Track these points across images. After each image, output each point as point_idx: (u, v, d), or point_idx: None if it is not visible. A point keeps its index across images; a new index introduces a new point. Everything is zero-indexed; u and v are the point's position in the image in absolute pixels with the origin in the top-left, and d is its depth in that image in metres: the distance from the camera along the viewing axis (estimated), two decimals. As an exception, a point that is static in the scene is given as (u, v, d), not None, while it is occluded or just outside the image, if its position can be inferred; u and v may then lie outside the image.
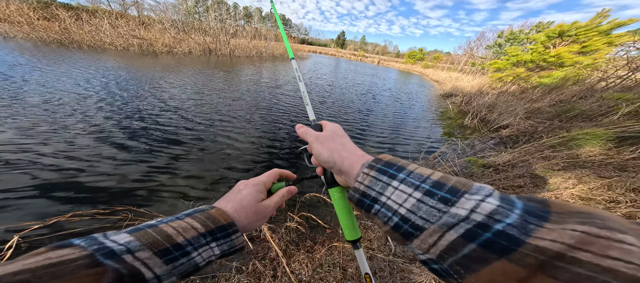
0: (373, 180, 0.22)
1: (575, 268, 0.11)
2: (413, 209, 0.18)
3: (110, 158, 2.02)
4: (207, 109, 3.60)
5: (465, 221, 0.15)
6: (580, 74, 5.66)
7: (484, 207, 0.15)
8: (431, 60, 37.93)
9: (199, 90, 4.64)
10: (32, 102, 2.89)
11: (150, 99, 3.67)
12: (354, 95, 6.52)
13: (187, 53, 10.75)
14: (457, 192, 0.17)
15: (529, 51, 7.97)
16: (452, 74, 17.18)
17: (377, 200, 0.21)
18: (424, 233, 0.17)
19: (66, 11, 10.33)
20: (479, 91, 7.36)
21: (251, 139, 2.79)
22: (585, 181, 1.56)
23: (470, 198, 0.16)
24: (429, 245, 0.16)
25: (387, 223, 0.19)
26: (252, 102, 4.38)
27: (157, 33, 11.65)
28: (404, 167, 0.21)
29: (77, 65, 5.17)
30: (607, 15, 6.36)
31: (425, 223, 0.17)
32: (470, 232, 0.15)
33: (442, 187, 0.18)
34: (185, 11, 18.08)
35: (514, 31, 19.22)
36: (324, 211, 1.76)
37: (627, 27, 6.18)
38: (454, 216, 0.16)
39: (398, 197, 0.19)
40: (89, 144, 2.19)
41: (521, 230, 0.13)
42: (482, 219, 0.15)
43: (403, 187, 0.19)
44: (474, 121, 4.83)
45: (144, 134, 2.55)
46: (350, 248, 1.37)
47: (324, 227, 1.53)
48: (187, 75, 5.82)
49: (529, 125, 3.76)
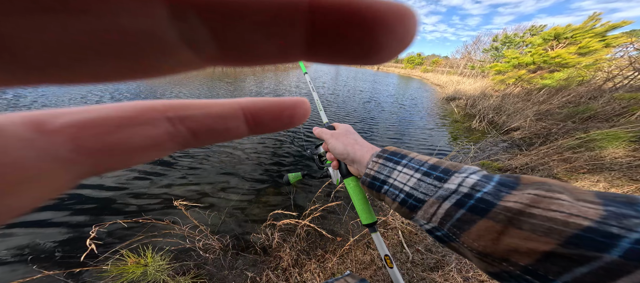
0: (381, 166, 0.26)
1: (531, 220, 0.15)
2: (415, 186, 0.22)
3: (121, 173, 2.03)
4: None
5: (455, 193, 0.20)
6: (583, 74, 5.67)
7: (468, 182, 0.20)
8: (430, 64, 38.55)
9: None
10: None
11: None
12: (357, 102, 6.58)
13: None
14: (448, 172, 0.22)
15: (529, 53, 8.08)
16: (453, 77, 17.34)
17: (385, 182, 0.25)
18: (425, 205, 0.21)
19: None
20: (482, 93, 7.37)
21: (255, 145, 2.80)
22: (617, 184, 1.50)
23: (458, 176, 0.21)
24: (430, 214, 0.21)
25: (395, 199, 0.24)
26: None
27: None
28: (406, 155, 0.26)
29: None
30: (599, 18, 6.55)
31: (425, 196, 0.21)
32: (459, 201, 0.19)
33: (437, 169, 0.23)
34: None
35: (509, 35, 19.60)
36: (334, 219, 1.72)
37: (621, 29, 6.34)
38: (446, 190, 0.20)
39: (402, 178, 0.24)
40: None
41: (494, 196, 0.18)
42: (467, 190, 0.19)
43: (406, 170, 0.24)
44: (482, 124, 4.79)
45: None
46: (362, 255, 1.34)
47: (330, 238, 1.50)
48: (192, 87, 5.98)
49: (541, 127, 3.70)
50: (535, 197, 0.16)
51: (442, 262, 1.34)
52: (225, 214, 1.64)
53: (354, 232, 1.58)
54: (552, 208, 0.15)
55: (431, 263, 1.34)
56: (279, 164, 2.39)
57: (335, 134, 0.35)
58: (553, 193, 0.16)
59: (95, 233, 1.07)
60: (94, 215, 1.55)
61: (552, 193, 0.16)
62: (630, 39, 6.09)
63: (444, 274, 1.22)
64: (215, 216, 1.63)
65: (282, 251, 1.34)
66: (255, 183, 2.08)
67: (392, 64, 60.85)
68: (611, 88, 4.68)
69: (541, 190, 0.16)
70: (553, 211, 0.15)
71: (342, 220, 1.71)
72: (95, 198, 1.71)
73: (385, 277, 1.23)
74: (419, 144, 3.68)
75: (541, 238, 0.15)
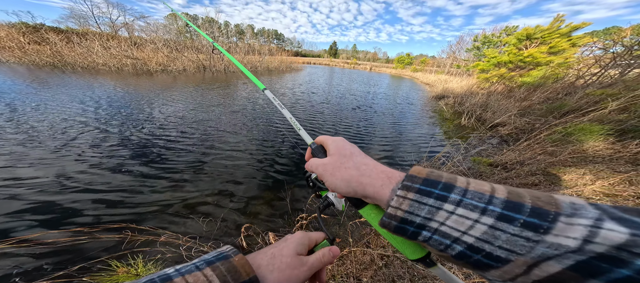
0: (414, 204, 0.18)
1: None
2: (486, 238, 0.15)
3: (123, 174, 1.88)
4: (204, 125, 3.50)
5: (579, 253, 0.13)
6: (556, 72, 6.11)
7: (607, 236, 0.13)
8: (419, 64, 39.94)
9: (196, 106, 4.56)
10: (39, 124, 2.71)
11: (149, 116, 3.54)
12: (351, 103, 6.62)
13: (181, 71, 10.71)
14: (547, 215, 0.14)
15: (505, 53, 8.59)
16: (441, 76, 18.05)
17: (425, 227, 0.18)
18: (510, 265, 0.14)
19: (56, 35, 10.27)
20: (469, 91, 7.71)
21: (250, 151, 2.72)
22: (602, 176, 1.58)
23: (572, 222, 0.14)
24: (514, 274, 0.15)
25: (446, 251, 0.17)
26: (249, 115, 4.32)
27: (150, 52, 11.61)
28: (453, 185, 0.18)
29: (73, 86, 4.98)
30: (563, 19, 7.12)
31: (511, 254, 0.14)
32: (588, 266, 0.13)
33: (521, 209, 0.15)
34: (176, 30, 18.33)
35: (487, 35, 20.79)
36: (332, 221, 1.68)
37: (583, 29, 6.94)
38: (555, 247, 0.13)
39: (458, 224, 0.16)
40: (99, 162, 2.03)
41: None
42: (609, 251, 0.12)
43: (462, 211, 0.16)
44: (471, 120, 4.99)
45: (144, 150, 2.42)
46: (361, 255, 1.26)
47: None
48: (183, 93, 5.74)
49: (525, 122, 3.90)
50: None
51: (443, 261, 1.32)
52: (219, 221, 1.56)
53: (353, 232, 1.55)
54: None
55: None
56: (276, 171, 2.32)
57: (329, 167, 0.27)
58: None
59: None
60: (80, 225, 1.40)
61: None
62: (593, 39, 6.68)
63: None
64: (210, 222, 1.54)
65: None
66: (252, 191, 2.00)
67: (383, 64, 62.59)
68: (583, 85, 5.06)
69: None
70: None
71: (340, 221, 1.66)
72: (80, 208, 1.55)
73: (386, 277, 1.20)
74: (412, 141, 3.75)
75: None
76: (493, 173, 2.32)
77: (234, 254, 0.22)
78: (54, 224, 1.45)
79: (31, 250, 1.25)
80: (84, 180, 1.90)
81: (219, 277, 0.19)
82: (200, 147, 2.77)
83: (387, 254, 1.34)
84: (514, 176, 2.10)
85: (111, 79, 6.58)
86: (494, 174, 2.29)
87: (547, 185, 1.73)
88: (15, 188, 1.74)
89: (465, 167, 2.39)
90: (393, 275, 1.16)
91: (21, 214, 1.52)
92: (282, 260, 0.24)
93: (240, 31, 63.66)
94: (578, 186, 1.59)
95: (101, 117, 3.44)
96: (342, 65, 45.67)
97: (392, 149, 3.42)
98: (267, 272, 0.23)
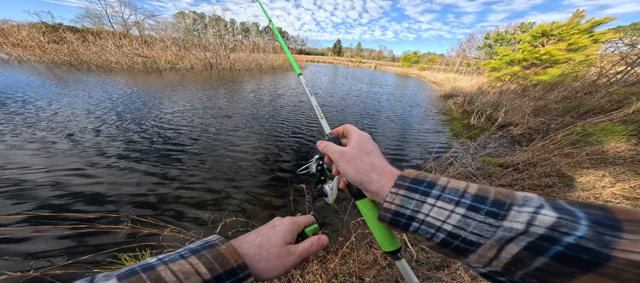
0: (404, 199, 0.22)
1: None
2: (460, 225, 0.18)
3: (131, 170, 1.97)
4: (210, 122, 3.57)
5: (525, 234, 0.15)
6: (577, 70, 5.76)
7: (543, 220, 0.15)
8: (426, 62, 38.86)
9: (203, 104, 4.66)
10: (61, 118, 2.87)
11: (157, 113, 3.67)
12: (356, 101, 6.55)
13: (189, 68, 10.96)
14: (503, 204, 0.17)
15: (519, 50, 8.18)
16: (449, 75, 17.51)
17: (413, 218, 0.21)
18: (481, 248, 0.17)
19: (73, 34, 10.76)
20: (479, 90, 7.43)
21: (255, 147, 2.75)
22: (623, 179, 1.49)
23: (521, 211, 0.17)
24: (489, 258, 0.17)
25: (432, 239, 0.20)
26: (255, 112, 4.37)
27: (160, 50, 11.94)
28: (434, 182, 0.21)
29: (94, 86, 5.22)
30: (583, 15, 6.66)
31: (480, 238, 0.17)
32: (535, 246, 0.15)
33: (485, 200, 0.18)
34: (184, 29, 18.70)
35: (500, 32, 19.88)
36: (336, 219, 1.67)
37: (606, 25, 6.46)
38: (509, 230, 0.16)
39: (439, 214, 0.19)
40: (112, 154, 2.13)
41: (599, 243, 0.13)
42: (545, 232, 0.15)
43: (441, 203, 0.20)
44: (481, 120, 4.82)
45: (150, 146, 2.51)
46: (364, 255, 1.29)
47: (332, 238, 1.47)
48: (191, 90, 5.88)
49: (539, 122, 3.72)
50: None
51: (448, 261, 1.30)
52: (226, 216, 1.59)
53: (356, 231, 1.54)
54: None
55: (436, 262, 1.31)
56: (280, 170, 2.33)
57: (346, 155, 0.28)
58: None
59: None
60: (89, 221, 1.48)
61: None
62: (618, 35, 6.22)
63: (451, 272, 1.18)
64: (217, 217, 1.57)
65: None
66: (256, 187, 2.02)
67: (389, 63, 61.22)
68: (606, 83, 4.75)
69: None
70: None
71: (343, 220, 1.66)
72: (89, 205, 1.63)
73: (389, 277, 1.19)
74: (419, 141, 3.66)
75: None
76: (503, 174, 2.23)
77: (221, 242, 0.22)
78: (61, 210, 1.52)
79: (40, 235, 1.31)
80: (91, 172, 1.99)
81: (205, 264, 0.19)
82: (205, 142, 2.83)
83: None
84: (526, 177, 2.01)
85: (124, 77, 6.83)
86: (505, 175, 2.20)
87: (562, 187, 1.64)
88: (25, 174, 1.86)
89: (474, 168, 2.31)
90: (396, 276, 1.15)
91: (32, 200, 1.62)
92: (270, 250, 0.24)
93: (245, 29, 64.17)
94: (596, 188, 1.50)
95: (114, 115, 3.59)
96: (346, 64, 45.13)
97: (396, 149, 3.36)
98: (254, 262, 0.23)
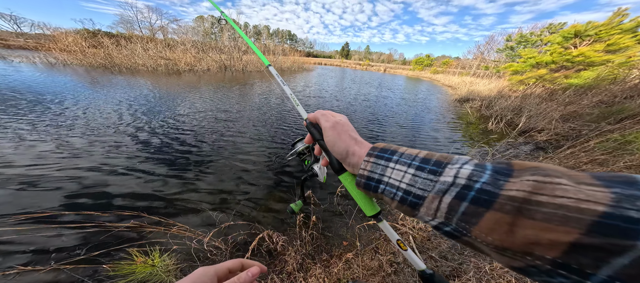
0: (373, 165, 0.25)
1: (542, 209, 0.14)
2: (411, 183, 0.21)
3: (142, 171, 2.10)
4: (221, 123, 3.72)
5: (453, 186, 0.19)
6: (616, 72, 5.18)
7: (463, 172, 0.19)
8: (440, 65, 37.37)
9: (217, 106, 4.89)
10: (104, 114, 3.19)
11: (172, 113, 3.91)
12: (364, 104, 6.46)
13: (206, 70, 11.60)
14: (441, 164, 0.21)
15: (548, 52, 7.54)
16: (466, 78, 16.67)
17: (380, 181, 0.24)
18: (426, 201, 0.20)
19: (109, 39, 11.94)
20: (499, 94, 6.97)
21: (262, 147, 2.79)
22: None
23: (452, 168, 0.20)
24: (434, 210, 0.19)
25: (394, 198, 0.23)
26: (263, 114, 4.48)
27: (180, 53, 12.81)
28: (396, 150, 0.25)
29: (126, 87, 5.76)
30: (627, 13, 5.96)
31: (424, 192, 0.20)
32: (459, 194, 0.18)
33: (429, 161, 0.22)
34: (203, 32, 19.89)
35: (524, 34, 18.52)
36: (341, 223, 1.64)
37: None
38: (443, 183, 0.19)
39: (397, 175, 0.23)
40: (129, 151, 2.31)
41: (494, 186, 0.17)
42: (465, 182, 0.18)
43: (399, 166, 0.23)
44: (500, 125, 4.50)
45: (166, 147, 2.66)
46: (369, 261, 1.29)
47: (336, 242, 1.44)
48: (208, 91, 6.21)
49: (569, 128, 3.38)
50: (535, 183, 0.15)
51: (459, 270, 1.21)
52: (232, 217, 1.62)
53: (361, 236, 1.50)
54: (558, 194, 0.14)
55: (446, 271, 1.23)
56: (285, 173, 2.34)
57: (338, 126, 0.31)
58: (552, 179, 0.15)
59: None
60: (104, 218, 1.59)
61: (551, 179, 0.15)
62: None
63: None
64: (223, 218, 1.61)
65: (287, 255, 1.30)
66: (262, 187, 2.05)
67: (399, 66, 59.58)
68: (651, 87, 4.21)
69: (538, 175, 0.15)
70: (560, 197, 0.14)
71: (348, 224, 1.63)
72: (105, 201, 1.76)
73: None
74: (431, 144, 3.50)
75: (560, 227, 0.13)
76: (525, 183, 2.04)
77: None
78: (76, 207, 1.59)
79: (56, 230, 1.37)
80: (108, 169, 2.12)
81: None
82: (216, 142, 2.94)
83: (397, 261, 1.27)
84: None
85: (148, 79, 7.40)
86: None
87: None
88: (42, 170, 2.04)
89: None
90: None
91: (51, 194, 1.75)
92: None
93: (257, 32, 66.65)
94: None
95: (137, 115, 3.88)
96: (354, 67, 44.67)
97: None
98: None
